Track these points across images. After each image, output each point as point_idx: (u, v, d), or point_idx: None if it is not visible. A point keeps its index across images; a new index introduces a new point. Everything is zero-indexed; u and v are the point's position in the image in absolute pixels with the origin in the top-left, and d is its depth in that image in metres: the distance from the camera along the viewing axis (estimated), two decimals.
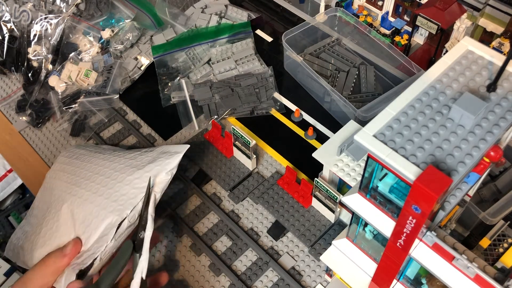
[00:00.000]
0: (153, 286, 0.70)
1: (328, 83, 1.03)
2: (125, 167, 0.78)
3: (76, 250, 0.69)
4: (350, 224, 0.62)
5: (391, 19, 1.19)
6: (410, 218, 0.46)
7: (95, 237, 0.70)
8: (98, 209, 0.72)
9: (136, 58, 1.14)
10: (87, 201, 0.74)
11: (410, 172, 0.44)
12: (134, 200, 0.72)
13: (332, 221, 0.85)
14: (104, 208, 0.72)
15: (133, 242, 0.67)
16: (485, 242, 0.76)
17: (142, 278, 0.64)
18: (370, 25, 1.19)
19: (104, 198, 0.74)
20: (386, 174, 0.51)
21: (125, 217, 0.70)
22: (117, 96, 1.08)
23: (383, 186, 0.52)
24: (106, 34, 1.14)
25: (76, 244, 0.70)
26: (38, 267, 0.68)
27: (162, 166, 0.76)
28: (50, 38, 1.12)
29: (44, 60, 1.10)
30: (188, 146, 0.80)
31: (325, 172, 0.81)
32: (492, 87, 0.50)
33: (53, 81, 1.08)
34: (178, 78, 1.11)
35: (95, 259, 0.68)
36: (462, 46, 0.54)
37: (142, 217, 0.69)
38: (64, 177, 0.83)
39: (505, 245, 0.76)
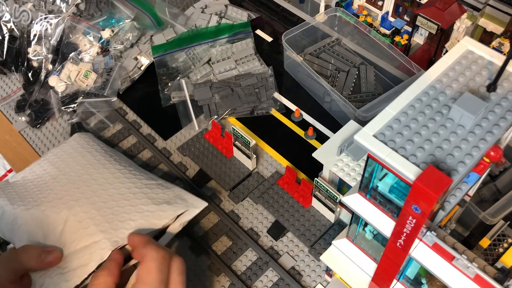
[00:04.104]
0: None
1: (328, 83, 1.03)
2: (140, 193, 0.76)
3: (54, 263, 0.66)
4: (350, 224, 0.62)
5: (391, 19, 1.19)
6: (410, 218, 0.46)
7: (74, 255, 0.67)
8: (100, 223, 0.70)
9: (136, 58, 1.14)
10: (91, 208, 0.72)
11: (410, 172, 0.44)
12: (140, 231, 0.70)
13: (332, 221, 0.85)
14: (106, 225, 0.70)
15: None
16: (485, 242, 0.76)
17: None
18: (370, 25, 1.19)
19: (110, 214, 0.71)
20: (386, 174, 0.51)
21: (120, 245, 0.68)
22: (115, 98, 1.08)
23: (383, 186, 0.52)
24: (106, 34, 1.14)
25: (57, 259, 0.66)
26: (9, 259, 0.64)
27: (176, 212, 0.74)
28: (50, 38, 1.12)
29: (44, 60, 1.10)
30: (206, 204, 0.78)
31: (325, 172, 0.81)
32: (492, 87, 0.50)
33: (53, 81, 1.08)
34: (178, 78, 1.11)
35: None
36: (462, 46, 0.54)
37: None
38: (79, 164, 0.81)
39: (505, 245, 0.76)
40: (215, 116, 1.03)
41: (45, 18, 1.12)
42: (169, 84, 1.10)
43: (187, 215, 0.76)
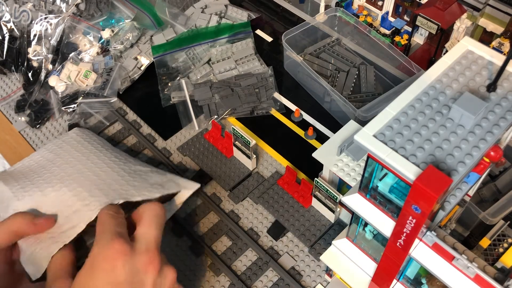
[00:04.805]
0: None
1: (328, 83, 1.03)
2: (134, 174, 0.79)
3: (46, 227, 0.68)
4: (350, 224, 0.62)
5: (391, 19, 1.19)
6: (410, 218, 0.46)
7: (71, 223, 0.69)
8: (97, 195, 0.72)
9: (136, 58, 1.14)
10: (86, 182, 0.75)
11: (410, 172, 0.44)
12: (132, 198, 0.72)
13: (332, 221, 0.85)
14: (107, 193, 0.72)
15: None
16: (485, 242, 0.76)
17: None
18: (370, 25, 1.19)
19: (102, 183, 0.74)
20: (386, 174, 0.51)
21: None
22: (115, 99, 1.08)
23: (383, 186, 0.52)
24: (106, 34, 1.14)
25: (49, 222, 0.68)
26: (1, 225, 0.66)
27: (169, 191, 0.77)
28: (50, 38, 1.12)
29: (44, 60, 1.10)
30: (199, 185, 0.82)
31: (325, 172, 0.81)
32: (492, 87, 0.50)
33: (53, 81, 1.08)
34: (178, 78, 1.11)
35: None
36: (462, 46, 0.54)
37: None
38: (77, 150, 0.84)
39: (505, 245, 0.76)
40: (215, 116, 1.03)
41: (45, 18, 1.12)
42: (169, 84, 1.10)
43: (181, 196, 0.80)
